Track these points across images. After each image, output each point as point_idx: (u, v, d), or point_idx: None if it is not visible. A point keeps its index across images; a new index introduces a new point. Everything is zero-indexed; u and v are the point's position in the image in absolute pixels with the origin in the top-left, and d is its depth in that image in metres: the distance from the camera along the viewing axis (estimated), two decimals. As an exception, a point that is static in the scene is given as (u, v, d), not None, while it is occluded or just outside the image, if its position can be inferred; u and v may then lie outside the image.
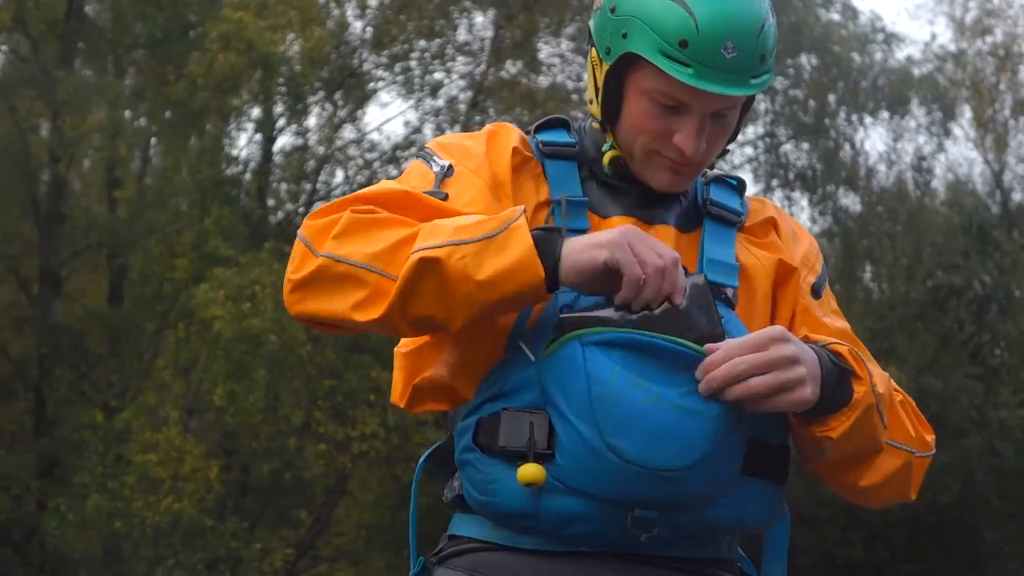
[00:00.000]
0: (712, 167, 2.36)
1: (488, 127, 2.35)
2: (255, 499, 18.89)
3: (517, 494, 2.09)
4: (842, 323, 2.38)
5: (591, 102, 2.30)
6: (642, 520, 2.08)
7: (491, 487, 2.12)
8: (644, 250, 2.03)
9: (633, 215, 2.27)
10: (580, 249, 2.04)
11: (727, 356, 2.04)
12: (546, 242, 2.05)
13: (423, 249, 2.04)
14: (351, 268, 2.09)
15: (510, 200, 2.24)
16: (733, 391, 2.03)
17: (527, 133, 2.36)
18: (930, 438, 2.28)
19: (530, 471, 2.06)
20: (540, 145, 2.32)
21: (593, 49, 2.26)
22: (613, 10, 2.21)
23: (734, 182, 2.39)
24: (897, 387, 2.25)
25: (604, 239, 2.04)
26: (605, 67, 2.23)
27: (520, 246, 2.02)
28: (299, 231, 2.16)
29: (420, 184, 2.24)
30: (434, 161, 2.28)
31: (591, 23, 2.29)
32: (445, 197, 2.21)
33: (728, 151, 2.34)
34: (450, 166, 2.26)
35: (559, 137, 2.33)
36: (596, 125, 2.30)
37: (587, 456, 2.06)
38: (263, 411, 15.97)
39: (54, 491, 17.07)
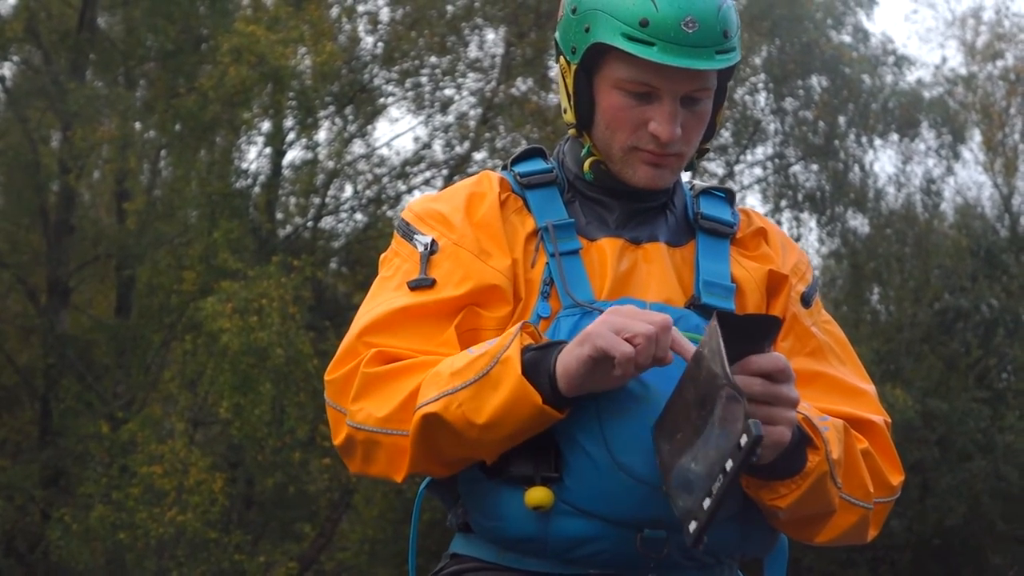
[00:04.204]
0: (693, 169, 2.35)
1: (467, 185, 2.34)
2: (259, 512, 18.89)
3: (525, 518, 2.09)
4: (831, 336, 2.35)
5: (565, 112, 2.30)
6: (651, 541, 2.08)
7: (498, 512, 2.12)
8: (629, 323, 1.98)
9: (621, 236, 2.27)
10: (567, 353, 2.01)
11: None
12: (539, 362, 2.02)
13: (423, 405, 2.05)
14: (370, 434, 2.12)
15: (505, 252, 2.24)
16: None
17: (503, 168, 2.37)
18: (897, 481, 2.24)
19: (538, 494, 2.06)
20: (517, 177, 2.32)
21: (561, 57, 2.28)
22: (575, 10, 2.24)
23: (722, 194, 2.39)
24: (860, 437, 2.20)
25: (584, 333, 2.00)
26: (574, 68, 2.24)
27: (510, 379, 2.00)
28: (325, 393, 2.20)
29: (408, 270, 2.24)
30: (416, 239, 2.27)
31: (556, 34, 2.30)
32: (432, 283, 2.21)
33: (708, 150, 2.34)
34: (433, 241, 2.25)
35: (535, 166, 2.34)
36: (573, 132, 2.31)
37: (597, 476, 2.06)
38: (268, 424, 15.97)
39: (59, 501, 17.07)
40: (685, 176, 2.38)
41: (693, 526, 1.92)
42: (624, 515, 2.07)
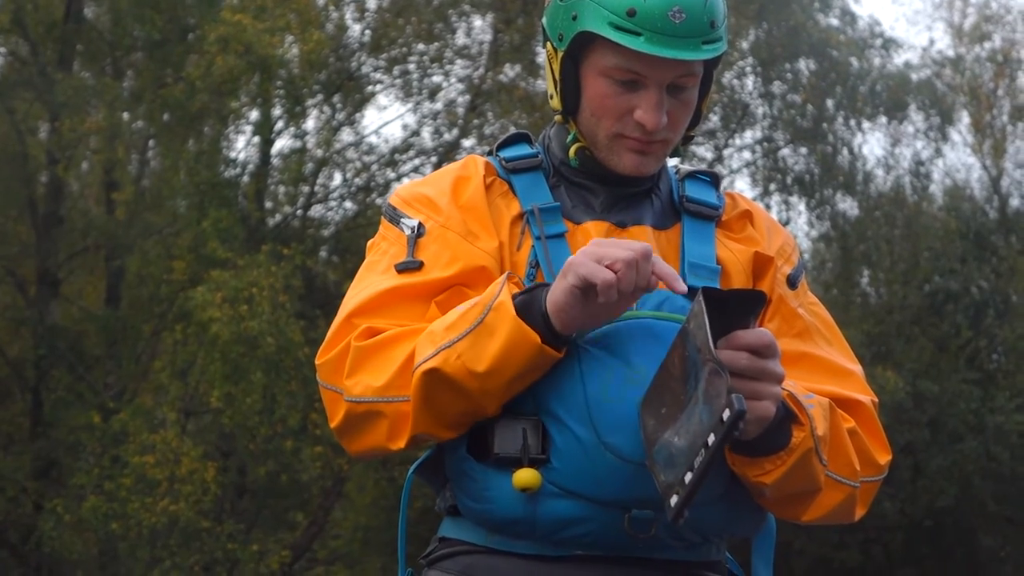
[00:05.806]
0: (680, 154, 2.35)
1: (453, 169, 2.34)
2: (252, 501, 18.89)
3: (512, 500, 2.09)
4: (817, 317, 2.36)
5: (551, 97, 2.31)
6: (639, 521, 2.08)
7: (486, 495, 2.12)
8: (609, 251, 2.00)
9: (606, 219, 2.28)
10: (554, 289, 2.03)
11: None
12: (531, 304, 2.05)
13: (421, 363, 2.06)
14: (370, 405, 2.12)
15: (492, 234, 2.25)
16: None
17: (489, 154, 2.37)
18: (884, 460, 2.25)
19: (525, 476, 2.07)
20: (503, 162, 2.33)
21: (548, 43, 2.29)
22: None
23: (707, 177, 2.39)
24: (846, 416, 2.21)
25: (566, 264, 2.02)
26: (560, 54, 2.25)
27: (507, 322, 2.02)
28: (317, 377, 2.21)
29: (396, 253, 2.25)
30: (403, 223, 2.27)
31: (544, 19, 2.31)
32: (420, 265, 2.22)
33: (693, 136, 2.34)
34: (420, 224, 2.26)
35: (521, 151, 2.34)
36: (559, 119, 2.31)
37: (584, 457, 2.06)
38: (260, 413, 15.96)
39: (51, 492, 17.06)
40: (671, 160, 2.38)
41: (674, 500, 1.92)
42: (611, 495, 2.07)
